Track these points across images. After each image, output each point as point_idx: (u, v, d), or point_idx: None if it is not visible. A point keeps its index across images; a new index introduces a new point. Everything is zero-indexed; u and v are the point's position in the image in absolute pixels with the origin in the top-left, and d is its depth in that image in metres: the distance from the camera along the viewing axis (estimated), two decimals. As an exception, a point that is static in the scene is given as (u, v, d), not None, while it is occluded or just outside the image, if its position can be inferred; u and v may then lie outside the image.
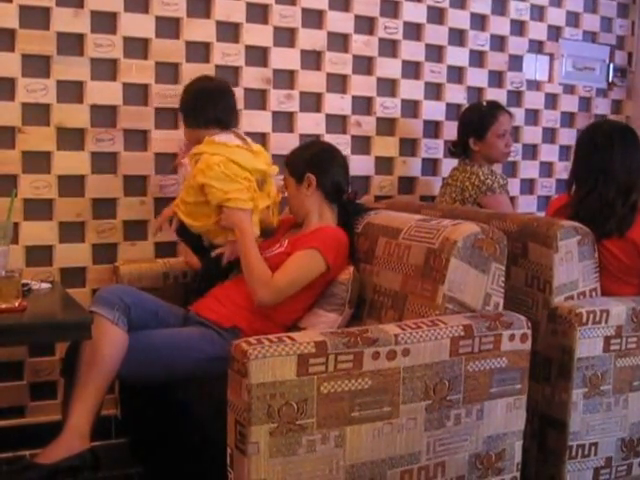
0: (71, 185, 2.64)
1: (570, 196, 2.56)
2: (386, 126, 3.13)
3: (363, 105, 3.08)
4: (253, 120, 2.85)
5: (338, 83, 3.02)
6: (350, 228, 2.37)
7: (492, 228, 2.06)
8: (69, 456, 1.95)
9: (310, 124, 2.96)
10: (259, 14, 2.85)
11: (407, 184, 3.18)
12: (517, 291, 2.25)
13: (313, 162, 2.40)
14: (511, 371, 1.93)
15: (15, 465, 1.94)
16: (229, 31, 2.81)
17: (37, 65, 2.55)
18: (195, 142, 2.43)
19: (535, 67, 3.43)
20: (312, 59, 2.96)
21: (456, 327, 1.86)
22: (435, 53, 3.20)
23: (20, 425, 2.64)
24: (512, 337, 1.93)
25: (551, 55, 3.47)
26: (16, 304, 1.88)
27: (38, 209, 2.60)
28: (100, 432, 2.08)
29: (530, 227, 2.25)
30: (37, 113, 2.57)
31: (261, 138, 2.88)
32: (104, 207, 2.69)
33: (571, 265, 2.18)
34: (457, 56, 3.24)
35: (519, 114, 3.36)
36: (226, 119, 2.48)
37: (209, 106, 2.46)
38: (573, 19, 3.52)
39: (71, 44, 2.59)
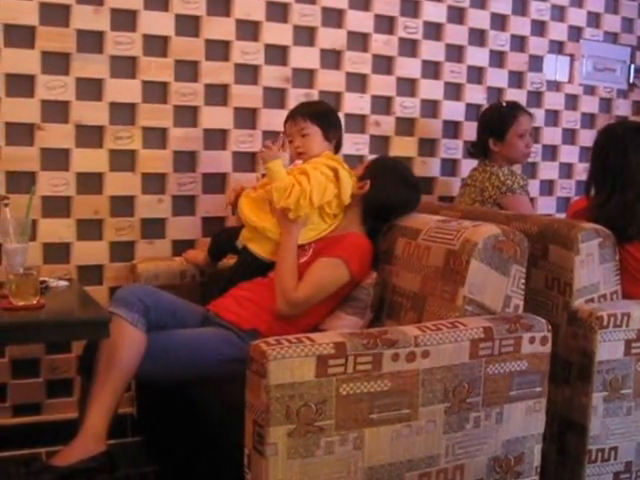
0: (89, 183, 2.64)
1: (589, 199, 2.53)
2: (405, 126, 3.11)
3: (382, 105, 3.06)
4: (271, 119, 2.84)
5: (357, 82, 3.00)
6: (376, 239, 2.35)
7: (512, 230, 2.04)
8: (85, 458, 1.94)
9: (329, 123, 2.95)
10: (279, 13, 2.84)
11: (426, 184, 3.14)
12: (537, 293, 2.22)
13: (373, 171, 2.40)
14: (531, 374, 1.92)
15: (31, 467, 1.94)
16: (249, 29, 2.80)
17: (57, 62, 2.56)
18: (308, 151, 2.45)
19: (555, 68, 3.41)
20: (332, 58, 2.95)
21: (476, 329, 1.84)
22: (455, 53, 3.18)
23: (36, 422, 2.65)
24: (532, 340, 1.91)
25: (571, 56, 3.44)
26: (34, 301, 1.88)
27: (56, 206, 2.61)
28: (116, 430, 2.07)
29: (551, 229, 2.22)
30: (56, 110, 2.57)
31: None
32: (122, 205, 2.69)
33: (592, 267, 2.16)
34: (477, 56, 3.22)
35: (539, 115, 3.34)
36: (340, 145, 2.58)
37: (339, 127, 2.55)
38: (594, 20, 3.49)
39: (91, 42, 2.59)
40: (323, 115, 2.50)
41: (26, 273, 1.93)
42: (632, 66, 3.60)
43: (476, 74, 3.24)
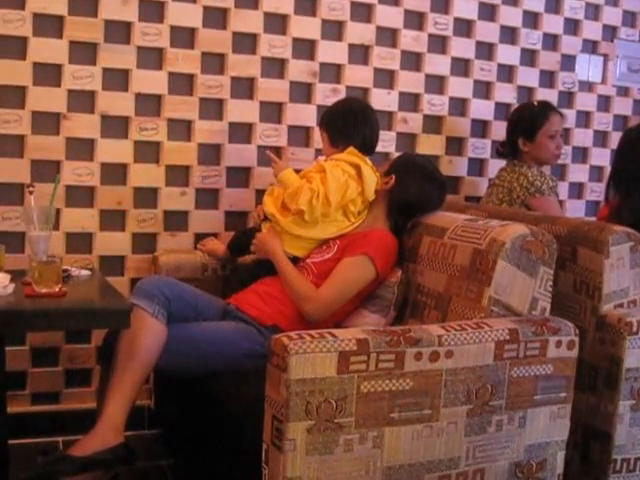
0: (113, 173, 2.64)
1: (609, 204, 2.51)
2: (433, 124, 3.08)
3: (410, 102, 3.03)
4: (298, 114, 2.83)
5: (385, 78, 2.98)
6: (401, 237, 2.32)
7: (541, 231, 2.01)
8: (103, 449, 1.93)
9: (355, 119, 2.92)
10: (308, 6, 2.83)
11: (452, 184, 3.09)
12: (564, 297, 2.17)
13: (398, 166, 2.38)
14: (556, 379, 1.87)
15: (49, 457, 1.93)
16: (277, 23, 2.79)
17: (84, 52, 2.56)
18: (324, 153, 2.52)
19: (588, 68, 3.35)
20: (360, 53, 2.92)
21: (501, 331, 1.80)
22: (485, 51, 3.14)
23: (54, 411, 2.66)
24: (559, 343, 1.87)
25: (605, 56, 3.39)
26: (56, 289, 1.87)
27: (79, 196, 2.61)
28: (133, 422, 2.06)
29: (580, 231, 2.17)
30: (82, 100, 2.58)
31: (305, 132, 2.87)
32: (145, 196, 2.69)
33: (622, 272, 2.11)
34: (508, 54, 3.17)
35: (570, 116, 3.29)
36: (368, 149, 2.48)
37: (349, 134, 2.45)
38: (629, 19, 3.42)
39: (118, 32, 2.59)
40: (330, 121, 2.50)
41: (49, 261, 1.93)
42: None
43: (506, 73, 3.19)
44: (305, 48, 2.83)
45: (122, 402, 2.00)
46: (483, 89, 3.16)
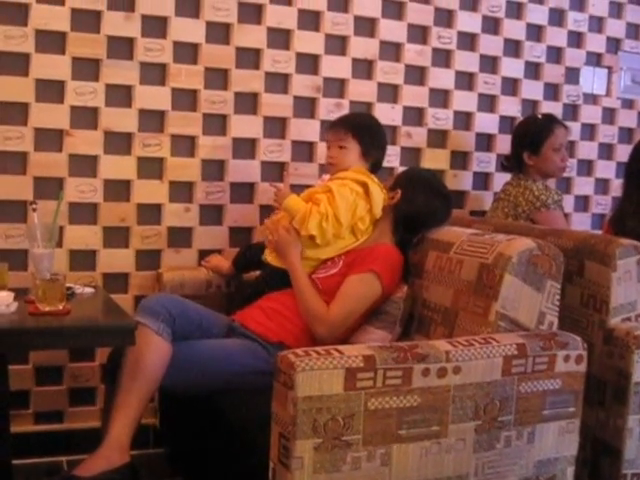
0: (117, 190, 2.63)
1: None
2: (437, 138, 3.07)
3: (414, 116, 3.02)
4: (301, 129, 2.82)
5: (389, 93, 2.96)
6: (407, 252, 2.31)
7: (548, 244, 2.00)
8: (108, 470, 1.91)
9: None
10: (311, 21, 2.82)
11: (457, 198, 3.08)
12: (572, 311, 2.16)
13: (403, 181, 2.37)
14: (565, 393, 1.86)
15: (55, 477, 1.92)
16: (280, 38, 2.78)
17: (87, 68, 2.56)
18: (340, 164, 2.44)
19: (593, 80, 3.34)
20: (363, 68, 2.91)
21: (509, 346, 1.79)
22: (489, 64, 3.13)
23: (58, 431, 2.63)
24: (567, 358, 1.85)
25: (609, 68, 3.38)
26: (60, 307, 1.86)
27: (83, 213, 2.60)
28: (138, 441, 2.05)
29: (587, 244, 2.16)
30: (85, 116, 2.57)
31: (308, 148, 2.86)
32: (149, 213, 2.68)
33: (630, 285, 2.09)
34: (512, 67, 3.16)
35: (575, 128, 3.27)
36: (379, 166, 2.49)
37: (381, 147, 2.49)
38: (633, 31, 3.41)
39: (121, 48, 2.59)
40: (366, 132, 2.45)
41: (53, 278, 1.91)
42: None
43: (510, 86, 3.18)
44: (308, 63, 2.83)
45: (127, 421, 1.98)
46: (487, 102, 3.15)
